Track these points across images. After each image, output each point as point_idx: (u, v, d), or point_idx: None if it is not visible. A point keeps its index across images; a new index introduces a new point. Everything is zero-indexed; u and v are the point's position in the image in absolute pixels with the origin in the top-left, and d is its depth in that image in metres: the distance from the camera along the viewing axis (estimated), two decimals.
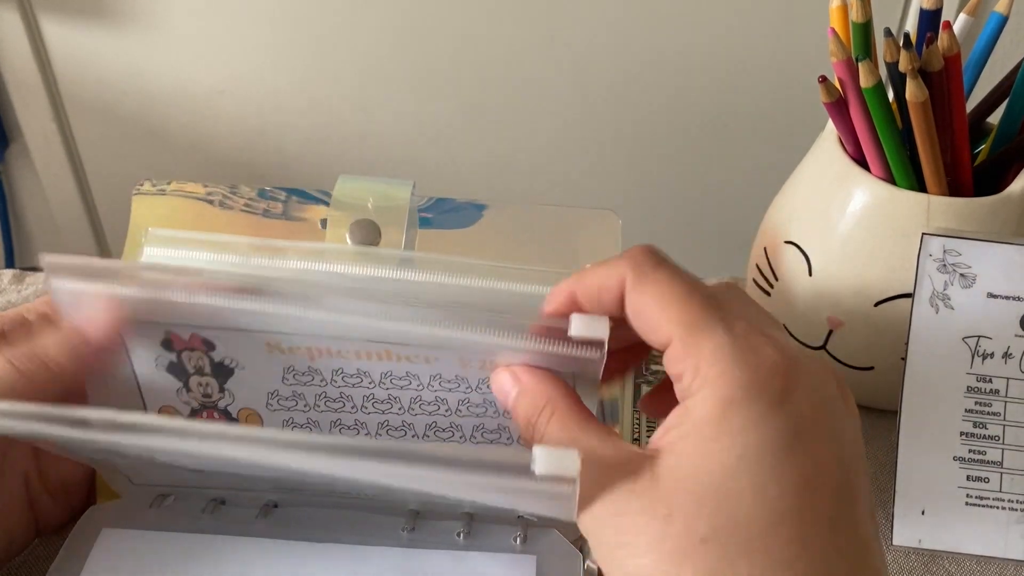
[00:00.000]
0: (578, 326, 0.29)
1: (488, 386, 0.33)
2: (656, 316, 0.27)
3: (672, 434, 0.26)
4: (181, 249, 0.35)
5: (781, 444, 0.25)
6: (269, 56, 1.06)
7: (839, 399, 0.26)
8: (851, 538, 0.25)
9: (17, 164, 1.16)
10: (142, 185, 0.39)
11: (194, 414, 0.34)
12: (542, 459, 0.25)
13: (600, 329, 0.29)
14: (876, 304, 0.41)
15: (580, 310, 0.29)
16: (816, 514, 0.24)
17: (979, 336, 0.38)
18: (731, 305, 0.27)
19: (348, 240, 0.36)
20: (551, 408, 0.28)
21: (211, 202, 0.39)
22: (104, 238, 1.23)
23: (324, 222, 0.39)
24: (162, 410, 0.34)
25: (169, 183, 0.39)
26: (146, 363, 0.33)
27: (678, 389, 0.27)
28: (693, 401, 0.26)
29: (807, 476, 0.25)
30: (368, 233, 0.37)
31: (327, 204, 0.38)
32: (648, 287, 0.27)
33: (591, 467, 0.25)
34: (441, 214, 0.39)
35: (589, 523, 0.26)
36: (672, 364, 0.27)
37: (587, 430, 0.27)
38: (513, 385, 0.30)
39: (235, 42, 1.05)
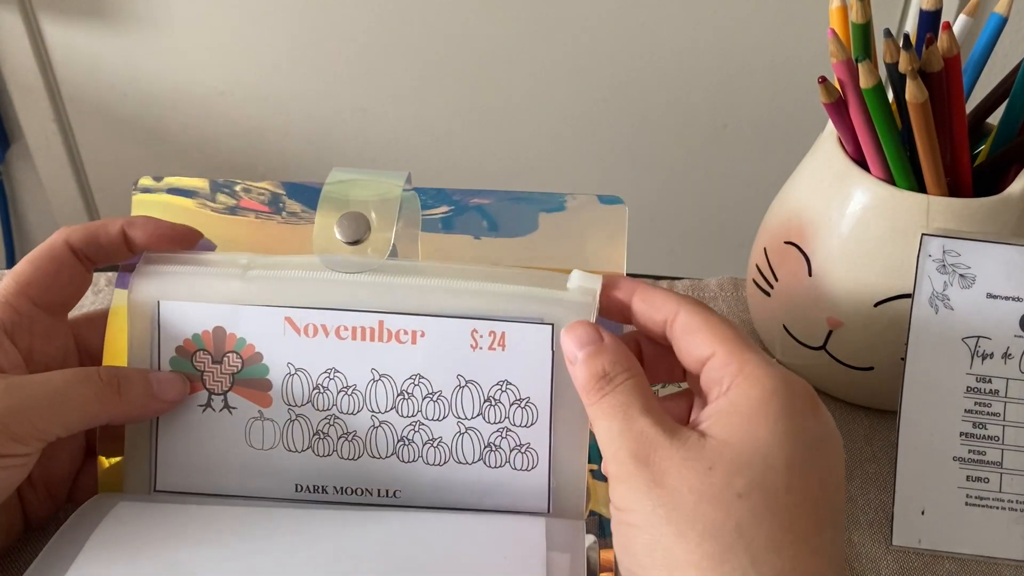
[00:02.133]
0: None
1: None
2: (704, 334, 0.32)
3: (714, 415, 0.30)
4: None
5: (810, 441, 0.29)
6: (269, 57, 1.06)
7: (840, 442, 0.31)
8: (839, 551, 0.29)
9: (18, 165, 1.16)
10: (137, 181, 0.39)
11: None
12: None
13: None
14: (876, 304, 0.41)
15: (631, 311, 0.34)
16: (824, 512, 0.28)
17: (979, 336, 0.39)
18: None
19: (336, 233, 0.36)
20: (632, 374, 0.31)
21: (210, 200, 0.39)
22: None
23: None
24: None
25: (162, 179, 0.40)
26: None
27: (714, 391, 0.31)
28: (736, 391, 0.30)
29: (823, 479, 0.29)
30: (357, 227, 0.36)
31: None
32: (702, 315, 0.32)
33: (647, 437, 0.29)
34: (446, 207, 0.40)
35: (630, 467, 0.29)
36: (712, 371, 0.31)
37: (653, 404, 0.31)
38: (595, 339, 0.33)
39: (236, 43, 1.05)
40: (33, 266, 0.35)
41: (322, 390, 0.36)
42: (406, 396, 0.35)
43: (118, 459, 0.37)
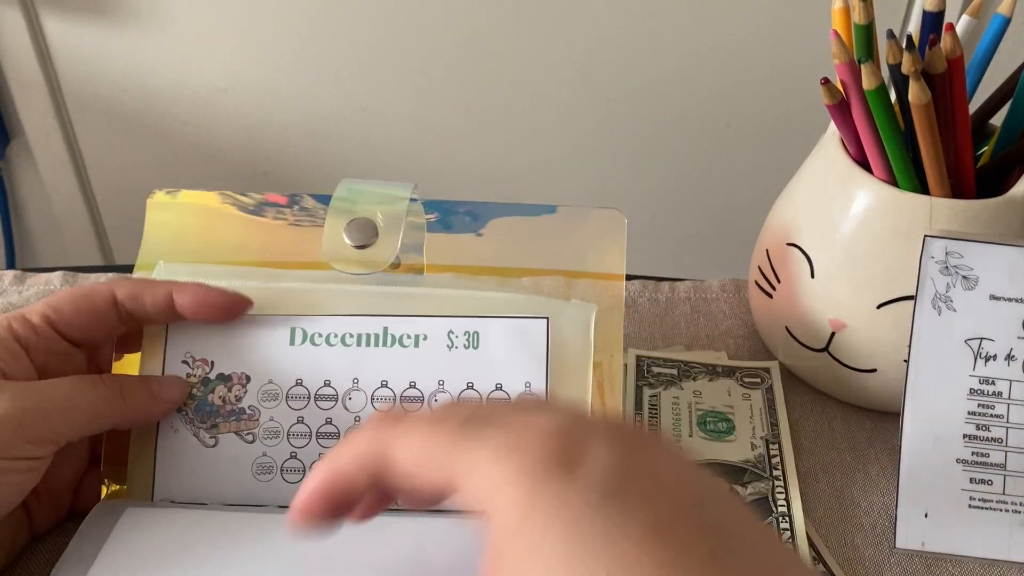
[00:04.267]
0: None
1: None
2: (419, 471, 0.25)
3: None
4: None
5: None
6: (270, 54, 1.06)
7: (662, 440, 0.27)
8: None
9: (18, 161, 1.16)
10: (153, 195, 0.40)
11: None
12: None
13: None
14: (879, 306, 0.41)
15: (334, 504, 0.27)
16: None
17: (982, 338, 0.38)
18: (487, 411, 0.26)
19: (345, 238, 0.38)
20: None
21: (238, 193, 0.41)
22: (106, 236, 1.22)
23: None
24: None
25: (179, 192, 0.41)
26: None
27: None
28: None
29: None
30: (365, 232, 0.38)
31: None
32: (397, 452, 0.25)
33: None
34: (449, 215, 0.40)
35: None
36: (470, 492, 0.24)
37: None
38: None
39: (237, 40, 1.05)
40: (71, 304, 0.36)
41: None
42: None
43: (121, 486, 0.37)
